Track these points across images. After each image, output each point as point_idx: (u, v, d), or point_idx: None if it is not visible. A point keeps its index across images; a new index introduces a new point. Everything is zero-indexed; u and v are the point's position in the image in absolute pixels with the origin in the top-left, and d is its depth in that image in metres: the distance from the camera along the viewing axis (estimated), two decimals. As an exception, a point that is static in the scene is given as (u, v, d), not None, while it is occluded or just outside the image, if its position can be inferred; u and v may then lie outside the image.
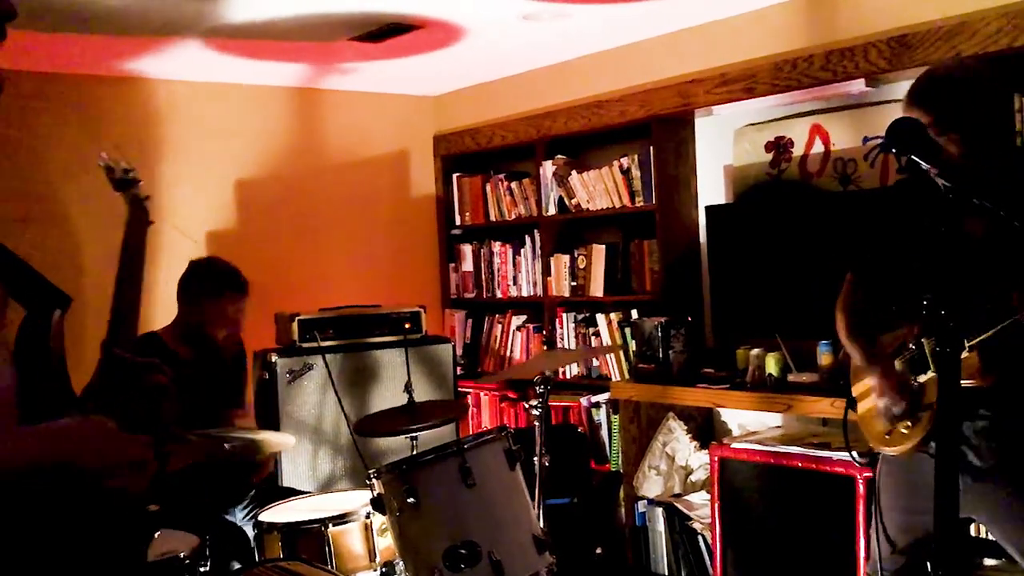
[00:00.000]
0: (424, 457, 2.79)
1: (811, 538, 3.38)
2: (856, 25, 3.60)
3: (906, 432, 2.25)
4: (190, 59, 4.25)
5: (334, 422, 4.18)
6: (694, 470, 4.04)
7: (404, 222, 5.44)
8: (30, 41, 3.77)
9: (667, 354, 3.99)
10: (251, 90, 4.86)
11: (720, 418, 4.21)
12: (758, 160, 4.09)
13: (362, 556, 2.98)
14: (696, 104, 4.11)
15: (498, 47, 4.44)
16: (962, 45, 3.24)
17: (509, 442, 2.89)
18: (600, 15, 3.96)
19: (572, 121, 4.66)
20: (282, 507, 3.20)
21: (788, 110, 4.01)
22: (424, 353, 4.46)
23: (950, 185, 1.77)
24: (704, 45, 4.13)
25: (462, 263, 5.45)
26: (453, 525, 2.69)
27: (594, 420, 4.57)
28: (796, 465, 3.41)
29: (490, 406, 5.17)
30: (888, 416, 2.32)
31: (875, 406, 2.38)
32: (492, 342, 5.27)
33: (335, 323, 4.28)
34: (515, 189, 5.07)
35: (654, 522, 4.03)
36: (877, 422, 2.37)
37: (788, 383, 3.66)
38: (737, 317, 4.05)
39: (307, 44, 4.18)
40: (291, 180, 4.99)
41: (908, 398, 2.27)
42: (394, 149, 5.42)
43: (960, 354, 1.75)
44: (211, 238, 4.67)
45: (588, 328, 4.69)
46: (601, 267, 4.61)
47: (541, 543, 2.81)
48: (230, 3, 3.48)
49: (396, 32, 4.02)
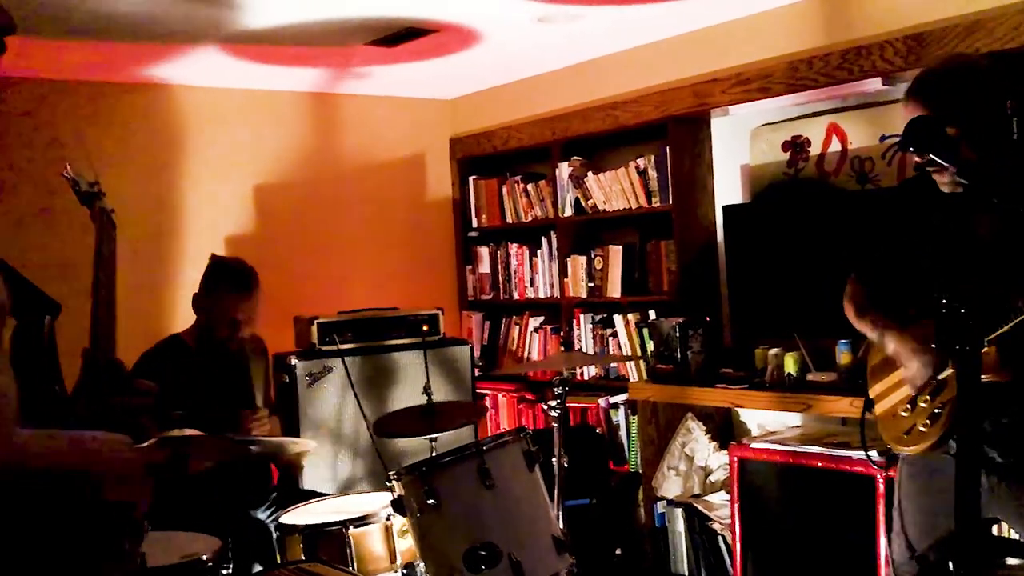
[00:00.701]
0: (443, 459, 2.80)
1: (831, 538, 3.37)
2: (872, 23, 3.59)
3: (924, 431, 2.24)
4: (208, 65, 4.29)
5: (353, 424, 4.20)
6: (713, 470, 4.04)
7: (421, 225, 5.46)
8: (49, 48, 3.82)
9: (685, 354, 3.99)
10: (269, 95, 4.89)
11: (739, 418, 4.20)
12: (775, 160, 4.09)
13: (383, 558, 2.99)
14: (712, 104, 4.11)
15: (513, 49, 4.45)
16: (979, 42, 3.22)
17: (528, 443, 2.90)
18: (614, 16, 3.96)
19: (588, 122, 4.66)
20: (303, 509, 3.21)
21: (804, 109, 4.00)
22: (442, 355, 4.48)
23: (967, 183, 1.76)
24: (720, 45, 4.12)
25: (479, 265, 5.46)
26: (473, 526, 2.70)
27: (612, 421, 4.57)
28: (816, 465, 3.41)
29: (508, 407, 5.18)
30: (918, 382, 2.25)
31: (895, 404, 2.36)
32: (509, 343, 5.28)
33: (354, 326, 4.31)
34: (531, 191, 5.08)
35: (674, 523, 4.03)
36: (897, 420, 2.36)
37: (807, 382, 3.66)
38: (755, 317, 4.05)
39: (323, 49, 4.21)
40: (309, 184, 5.02)
41: (935, 353, 2.19)
42: (410, 152, 5.44)
43: (979, 351, 1.74)
44: (230, 242, 4.70)
45: (605, 329, 4.69)
46: (618, 268, 4.61)
47: (561, 544, 2.81)
48: (247, 9, 3.51)
49: (412, 36, 4.04)
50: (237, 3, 3.42)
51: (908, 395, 2.32)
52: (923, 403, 2.26)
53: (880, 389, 2.46)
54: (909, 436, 2.29)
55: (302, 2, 3.48)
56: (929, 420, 2.23)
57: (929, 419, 2.23)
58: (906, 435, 2.30)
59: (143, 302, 4.30)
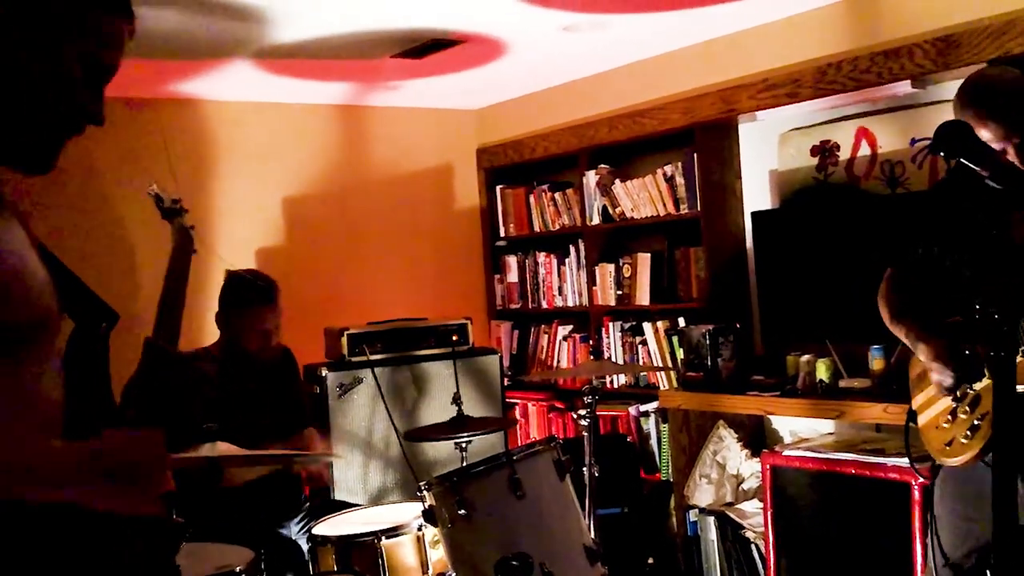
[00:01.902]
0: (474, 469, 2.80)
1: (866, 545, 3.33)
2: (900, 26, 3.55)
3: (965, 442, 2.22)
4: (238, 80, 4.34)
5: (384, 435, 4.22)
6: (745, 478, 4.01)
7: (449, 235, 5.48)
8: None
9: (715, 362, 3.96)
10: (297, 109, 4.94)
11: (771, 425, 4.17)
12: (804, 164, 4.06)
13: (415, 569, 3.00)
14: (739, 110, 4.09)
15: (539, 59, 4.46)
16: (1010, 43, 3.18)
17: (558, 452, 2.89)
18: (639, 24, 3.96)
19: (614, 130, 4.66)
20: (335, 520, 3.23)
21: (833, 113, 3.97)
22: (472, 364, 4.49)
23: (1001, 188, 1.74)
24: (746, 50, 4.11)
25: (507, 274, 5.47)
26: (504, 536, 2.69)
27: (643, 429, 4.55)
28: (850, 472, 3.37)
29: (538, 416, 5.17)
30: (944, 389, 2.27)
31: (937, 415, 2.34)
32: (539, 352, 5.27)
33: (383, 336, 4.33)
34: (559, 199, 5.08)
35: (706, 531, 4.00)
36: (939, 431, 2.33)
37: (839, 389, 3.62)
38: (786, 323, 4.02)
39: (351, 62, 4.24)
40: (338, 196, 5.05)
41: (959, 364, 2.21)
42: (438, 163, 5.47)
43: (1015, 358, 1.72)
44: (260, 255, 4.74)
45: (635, 337, 4.67)
46: (647, 275, 4.59)
47: (593, 553, 2.80)
48: (276, 25, 3.54)
49: (438, 48, 4.06)
50: (267, 18, 3.46)
51: (949, 407, 2.30)
52: (963, 415, 2.24)
53: (922, 400, 2.44)
54: (951, 448, 2.27)
55: (330, 16, 3.51)
56: (969, 432, 2.21)
57: (969, 431, 2.21)
58: (947, 447, 2.28)
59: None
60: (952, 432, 2.27)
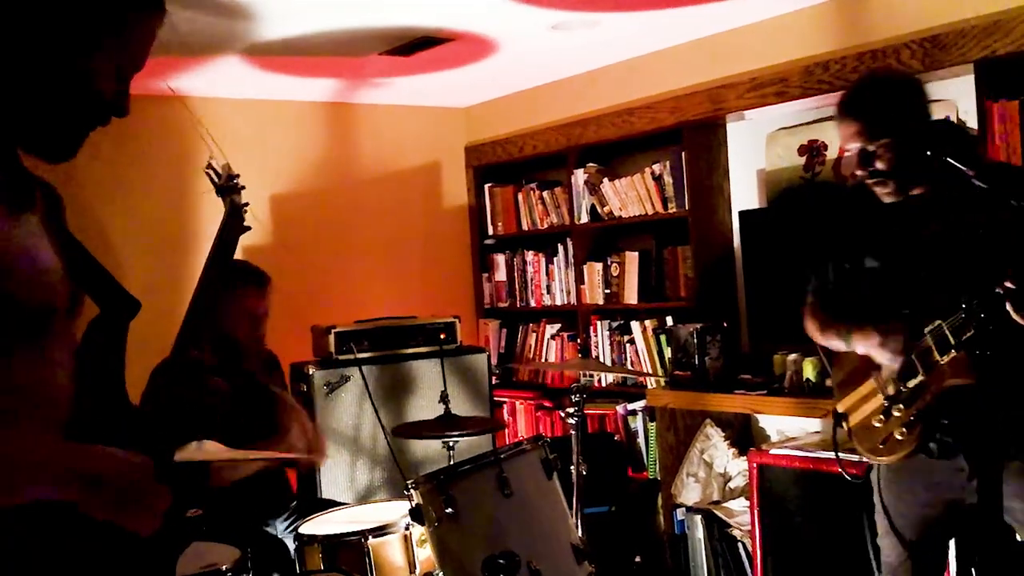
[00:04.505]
0: (462, 467, 2.79)
1: (851, 544, 3.34)
2: (888, 26, 3.57)
3: (901, 439, 2.24)
4: (225, 76, 4.32)
5: (371, 433, 4.21)
6: (733, 477, 4.02)
7: (437, 233, 5.47)
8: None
9: (703, 361, 3.97)
10: (285, 106, 4.92)
11: (758, 424, 4.18)
12: (791, 164, 4.07)
13: (402, 568, 2.99)
14: (727, 109, 4.10)
15: (528, 57, 4.45)
16: (996, 44, 3.20)
17: (546, 451, 2.89)
18: (628, 23, 3.96)
19: (603, 129, 4.66)
20: (321, 519, 3.21)
21: (821, 113, 3.98)
22: (459, 363, 4.48)
23: (987, 187, 1.76)
24: (734, 50, 4.12)
25: (495, 273, 5.46)
26: (492, 535, 2.69)
27: (631, 428, 4.56)
28: (836, 471, 3.37)
29: (526, 415, 5.18)
30: (895, 370, 2.26)
31: (868, 415, 2.35)
32: (527, 351, 5.28)
33: (371, 335, 4.32)
34: (547, 198, 5.08)
35: (693, 530, 4.01)
36: (872, 431, 2.35)
37: (826, 388, 3.63)
38: (773, 322, 4.02)
39: (339, 59, 4.23)
40: (325, 194, 5.04)
41: (901, 337, 2.21)
42: (426, 161, 5.46)
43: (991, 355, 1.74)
44: (247, 252, 4.69)
45: (623, 336, 4.68)
46: (635, 274, 4.60)
47: (580, 552, 2.80)
48: (264, 21, 3.53)
49: (427, 45, 4.05)
50: (256, 14, 3.44)
51: (880, 405, 2.31)
52: (897, 412, 2.26)
53: (850, 402, 2.45)
54: (886, 446, 2.29)
55: (318, 12, 3.50)
56: (905, 428, 2.22)
57: (905, 427, 2.22)
58: (882, 445, 2.29)
59: (156, 313, 4.31)
60: (887, 429, 2.29)
